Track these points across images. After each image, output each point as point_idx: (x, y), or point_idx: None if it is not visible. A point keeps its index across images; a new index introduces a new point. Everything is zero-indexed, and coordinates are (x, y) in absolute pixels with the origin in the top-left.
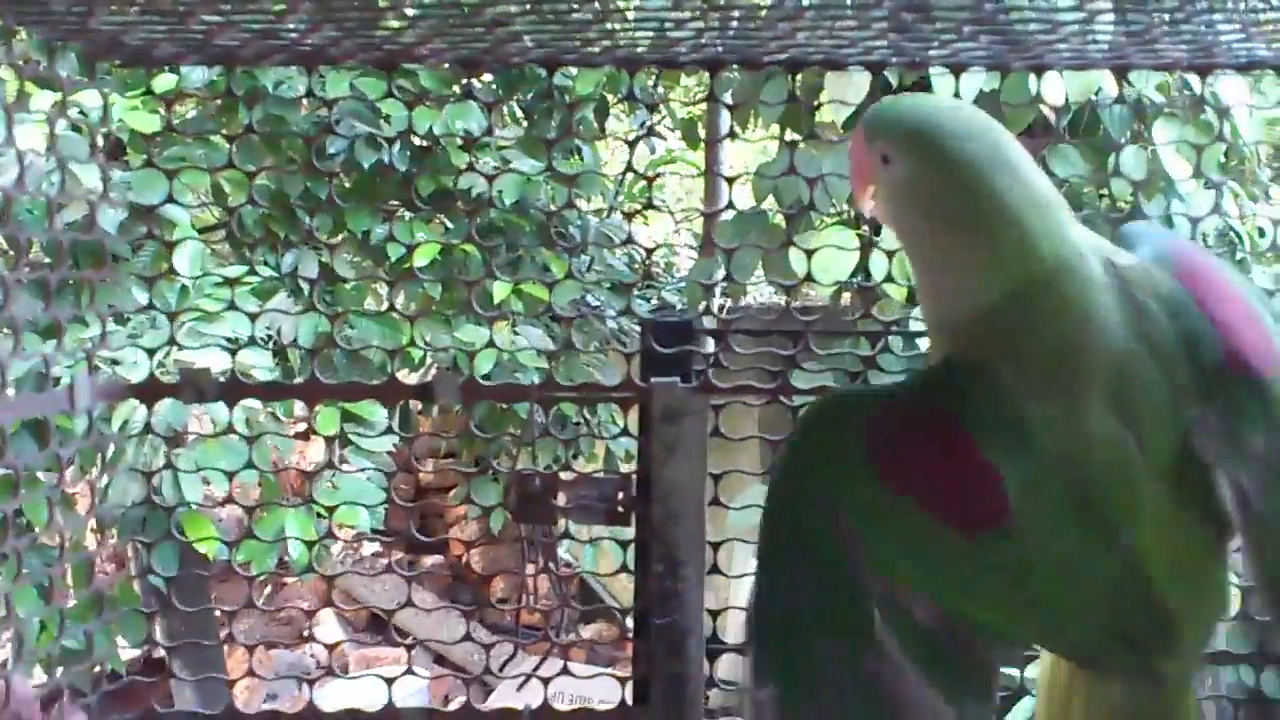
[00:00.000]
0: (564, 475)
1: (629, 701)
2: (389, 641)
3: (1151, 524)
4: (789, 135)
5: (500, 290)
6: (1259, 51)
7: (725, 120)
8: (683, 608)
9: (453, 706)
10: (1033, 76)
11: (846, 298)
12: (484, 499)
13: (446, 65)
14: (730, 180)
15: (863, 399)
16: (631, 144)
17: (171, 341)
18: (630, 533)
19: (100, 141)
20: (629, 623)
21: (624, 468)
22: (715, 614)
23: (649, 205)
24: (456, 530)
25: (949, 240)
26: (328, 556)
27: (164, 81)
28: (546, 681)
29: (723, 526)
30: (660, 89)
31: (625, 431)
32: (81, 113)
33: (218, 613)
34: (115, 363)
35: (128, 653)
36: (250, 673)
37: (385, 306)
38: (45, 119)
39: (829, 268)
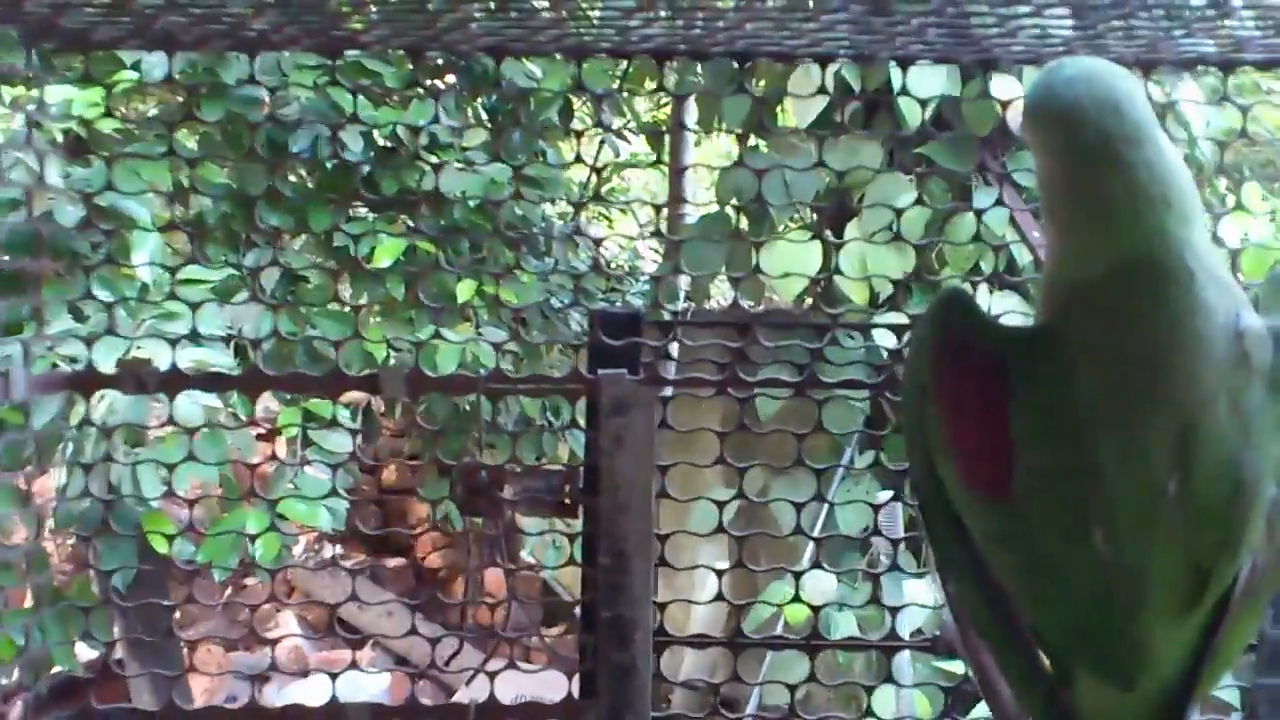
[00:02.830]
0: (510, 468)
1: (576, 695)
2: (350, 643)
3: (1155, 557)
4: (752, 139)
5: (464, 290)
6: (1203, 48)
7: (688, 122)
8: (630, 600)
9: None
10: (993, 79)
11: (810, 301)
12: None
13: (392, 51)
14: (682, 172)
15: (967, 311)
16: (578, 134)
17: (111, 334)
18: (579, 525)
19: (59, 137)
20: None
21: None
22: (663, 606)
23: (614, 207)
24: (421, 531)
25: (1049, 217)
26: (289, 557)
27: (126, 77)
28: (493, 676)
29: (671, 519)
30: (625, 92)
31: (573, 424)
32: (39, 107)
33: (177, 614)
34: (74, 360)
35: (87, 653)
36: (192, 668)
37: (346, 306)
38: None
39: (791, 271)
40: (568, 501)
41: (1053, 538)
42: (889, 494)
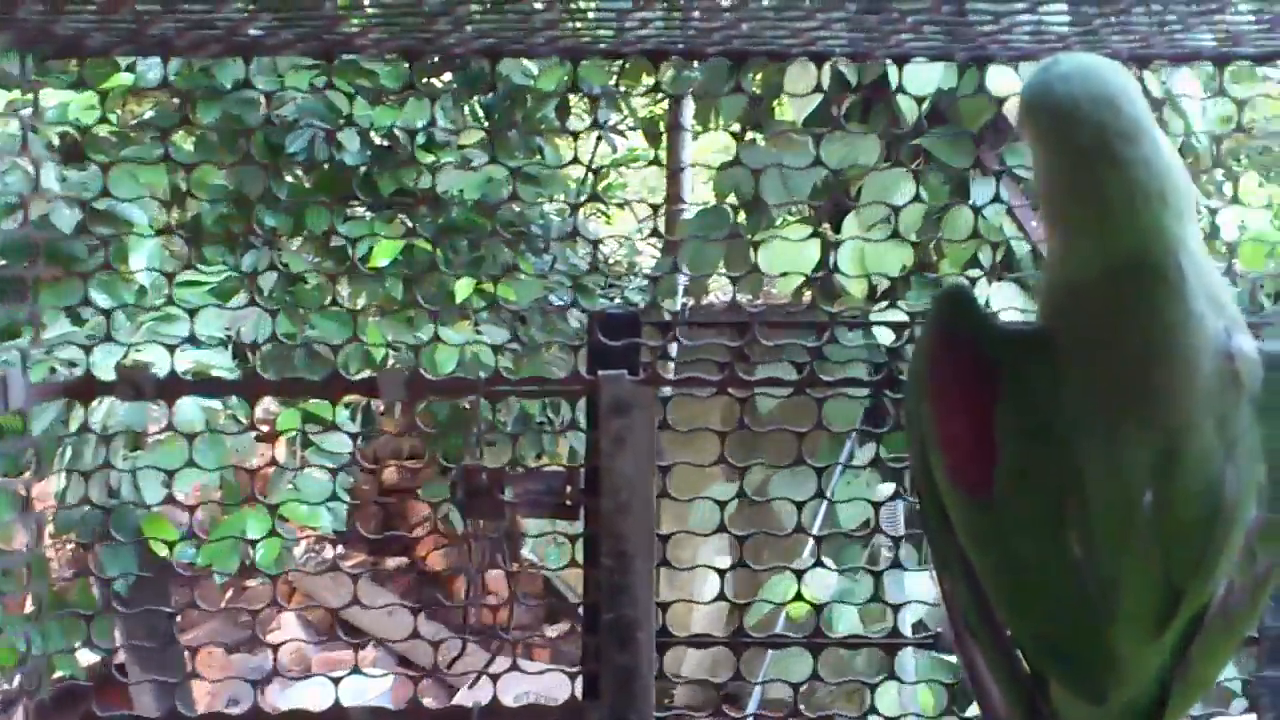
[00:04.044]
0: (511, 470)
1: (579, 696)
2: (351, 644)
3: (1128, 571)
4: (749, 134)
5: (462, 289)
6: (1199, 42)
7: (685, 118)
8: (632, 601)
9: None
10: (990, 73)
11: (808, 296)
12: (440, 498)
13: (388, 55)
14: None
15: (967, 308)
16: (574, 134)
17: (110, 339)
18: (580, 527)
19: (55, 141)
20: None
21: None
22: (665, 607)
23: (612, 204)
24: (420, 531)
25: (1047, 214)
26: (290, 559)
27: (121, 81)
28: (496, 678)
29: (671, 518)
30: (622, 87)
31: (574, 424)
32: (35, 112)
33: (178, 618)
34: (72, 364)
35: (89, 659)
36: (194, 673)
37: (345, 306)
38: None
39: (789, 266)
40: (569, 503)
41: (1028, 541)
42: (890, 488)
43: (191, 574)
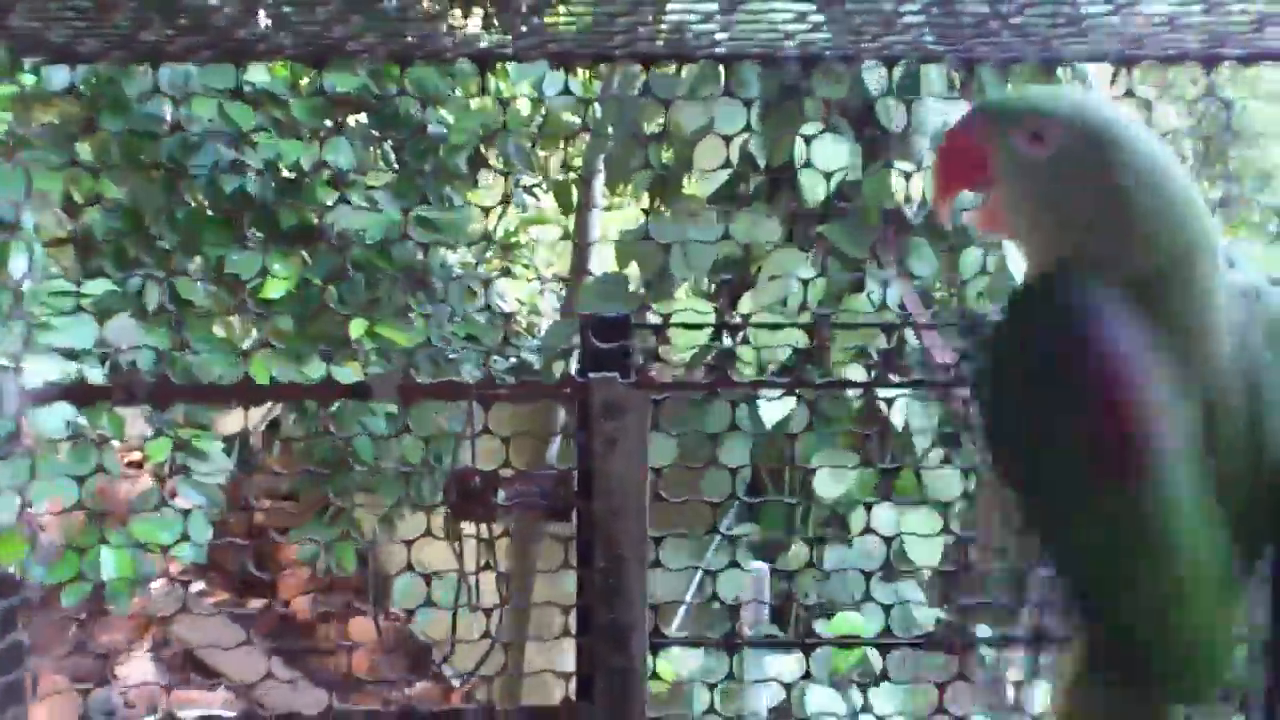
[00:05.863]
0: (504, 472)
1: (573, 697)
2: (204, 685)
3: (1190, 548)
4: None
5: (355, 328)
6: (1186, 43)
7: (598, 190)
8: (627, 603)
9: None
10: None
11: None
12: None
13: (376, 58)
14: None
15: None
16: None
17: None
18: (567, 530)
19: None
20: (572, 618)
21: None
22: (657, 608)
23: (517, 262)
24: (288, 573)
25: (1101, 212)
26: (147, 590)
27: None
28: (490, 680)
29: (664, 521)
30: (537, 149)
31: (565, 429)
32: None
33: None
34: None
35: None
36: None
37: (234, 337)
38: None
39: (683, 336)
40: (561, 506)
41: (1187, 522)
42: (763, 565)
43: (42, 596)
